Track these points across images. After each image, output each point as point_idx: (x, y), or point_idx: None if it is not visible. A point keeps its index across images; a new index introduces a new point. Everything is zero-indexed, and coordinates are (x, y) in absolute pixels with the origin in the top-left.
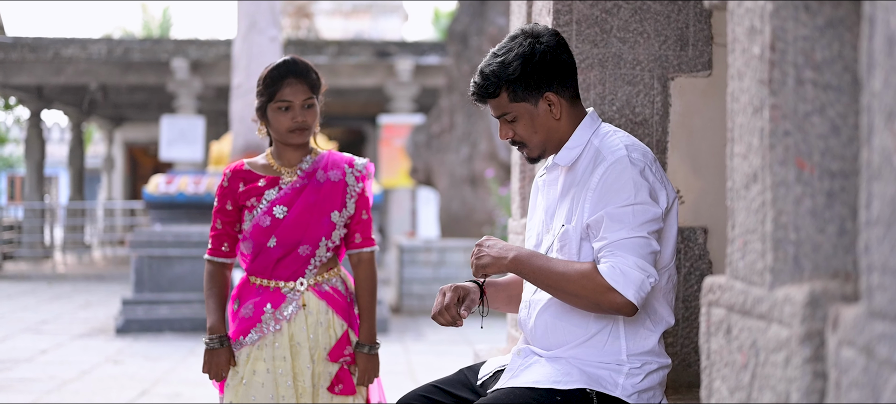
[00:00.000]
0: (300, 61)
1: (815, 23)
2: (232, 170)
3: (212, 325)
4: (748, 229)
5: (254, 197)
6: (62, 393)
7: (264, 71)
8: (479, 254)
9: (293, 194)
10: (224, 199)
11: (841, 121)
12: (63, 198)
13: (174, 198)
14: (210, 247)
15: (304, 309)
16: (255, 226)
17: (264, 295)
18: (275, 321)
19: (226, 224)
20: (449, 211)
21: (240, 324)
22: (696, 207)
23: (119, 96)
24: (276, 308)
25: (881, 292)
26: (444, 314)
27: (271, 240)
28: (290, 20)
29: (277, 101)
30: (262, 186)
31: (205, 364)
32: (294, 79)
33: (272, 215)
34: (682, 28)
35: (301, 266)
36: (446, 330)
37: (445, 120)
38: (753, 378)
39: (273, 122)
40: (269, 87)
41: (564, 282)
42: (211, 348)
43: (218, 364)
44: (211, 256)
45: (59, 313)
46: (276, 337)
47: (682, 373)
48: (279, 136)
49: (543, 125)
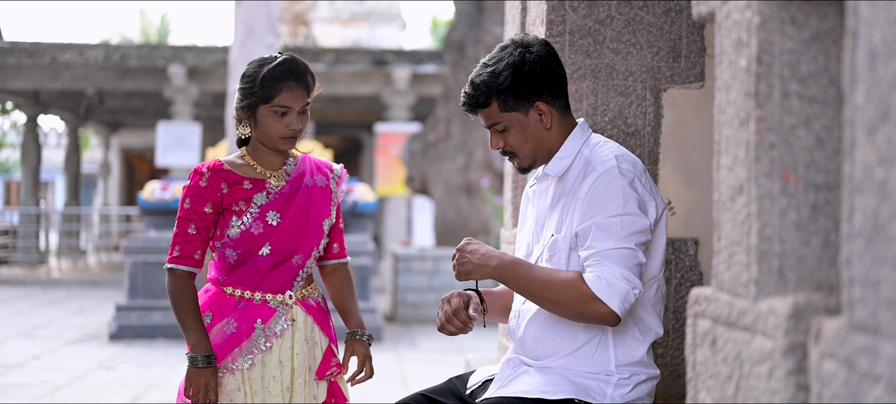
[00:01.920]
0: (300, 62)
1: (801, 36)
2: (210, 168)
3: (196, 342)
4: (734, 241)
5: (241, 200)
6: (55, 399)
7: (258, 67)
8: (460, 259)
9: (284, 200)
10: (200, 201)
11: (826, 134)
12: (59, 203)
13: (169, 204)
14: (177, 254)
15: (293, 325)
16: (244, 233)
17: (248, 308)
18: (266, 338)
19: (202, 228)
20: (444, 220)
21: (224, 343)
22: (688, 218)
23: (116, 102)
24: (266, 322)
25: (862, 305)
26: (454, 321)
27: (264, 248)
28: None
29: (274, 104)
30: (249, 190)
31: (189, 386)
32: (294, 82)
33: (265, 222)
34: (675, 40)
35: (291, 277)
36: (440, 339)
37: (442, 129)
38: (737, 389)
39: (264, 126)
40: (265, 87)
41: (548, 290)
42: (197, 368)
43: (206, 385)
44: (179, 264)
45: (52, 318)
46: (265, 356)
47: (671, 385)
48: (267, 141)
49: (534, 135)
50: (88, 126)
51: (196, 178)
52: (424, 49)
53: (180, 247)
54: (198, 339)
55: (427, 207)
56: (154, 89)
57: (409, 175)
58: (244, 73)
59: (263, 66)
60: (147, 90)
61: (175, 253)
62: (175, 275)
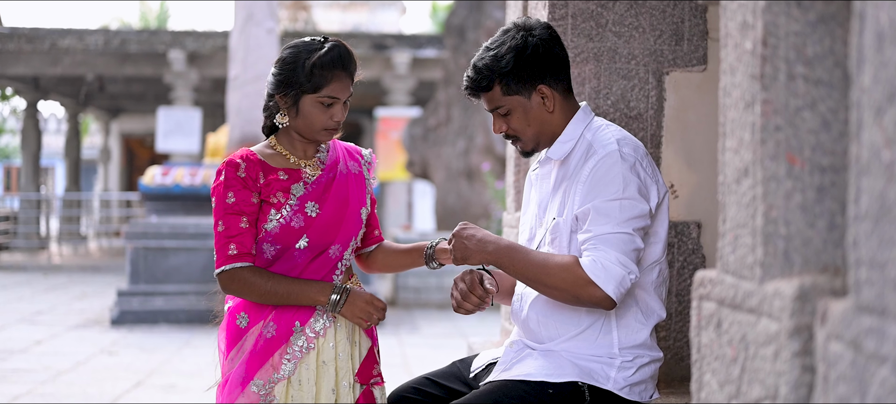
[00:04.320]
0: (348, 49)
1: (806, 18)
2: (244, 158)
3: (318, 292)
4: (739, 223)
5: (279, 191)
6: (57, 384)
7: (304, 53)
8: (457, 244)
9: (321, 189)
10: (246, 192)
11: (831, 117)
12: (59, 188)
13: (170, 189)
14: (234, 252)
15: (335, 323)
16: (283, 226)
17: (286, 308)
18: (306, 339)
19: (253, 221)
20: (445, 204)
21: (265, 348)
22: (690, 202)
23: (116, 87)
24: (305, 323)
25: (869, 287)
26: (471, 297)
27: (302, 240)
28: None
29: (322, 95)
30: (285, 180)
31: (358, 319)
32: (343, 72)
33: (304, 213)
34: (678, 23)
35: (330, 271)
36: (441, 323)
37: (442, 113)
38: (743, 371)
39: (307, 116)
40: (313, 77)
41: (544, 274)
42: (347, 303)
43: (366, 302)
44: (240, 262)
45: (54, 304)
46: (307, 358)
47: (674, 367)
48: (307, 132)
49: (537, 118)
50: (88, 111)
51: (232, 170)
52: (424, 33)
53: (236, 244)
54: (316, 290)
55: (428, 192)
56: (154, 74)
57: (410, 159)
58: (284, 59)
59: (311, 52)
60: (147, 75)
61: (231, 251)
62: (237, 274)
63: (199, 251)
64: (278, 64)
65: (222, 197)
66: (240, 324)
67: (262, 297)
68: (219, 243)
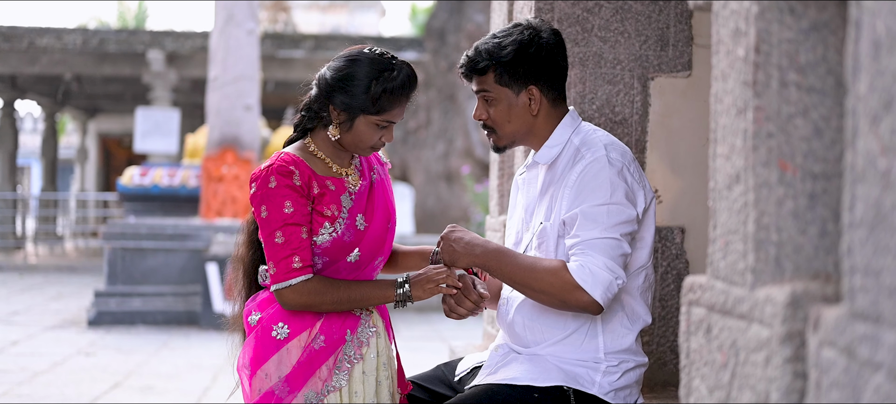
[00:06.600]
0: (415, 73)
1: (799, 26)
2: (295, 163)
3: (384, 293)
4: (730, 229)
5: (333, 204)
6: (33, 385)
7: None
8: (445, 247)
9: (364, 200)
10: (303, 201)
11: (824, 124)
12: (35, 188)
13: (149, 190)
14: (299, 265)
15: (376, 333)
16: (336, 240)
17: (332, 317)
18: (356, 348)
19: (308, 231)
20: (424, 207)
21: (313, 358)
22: (674, 207)
23: (93, 87)
24: (355, 332)
25: (863, 294)
26: (465, 301)
27: (354, 253)
28: (268, 14)
29: (383, 118)
30: (334, 191)
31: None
32: (407, 99)
33: (355, 227)
34: (663, 28)
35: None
36: (419, 326)
37: (422, 116)
38: (733, 377)
39: (360, 133)
40: (379, 101)
41: (532, 278)
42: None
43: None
44: (304, 275)
45: (30, 304)
46: (356, 368)
47: (657, 372)
48: (354, 147)
49: (518, 116)
50: (66, 111)
51: (285, 179)
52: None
53: (300, 256)
54: (383, 287)
55: (407, 194)
56: (132, 74)
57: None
58: (349, 74)
59: (380, 74)
60: (125, 75)
61: (295, 264)
62: (305, 286)
63: (177, 252)
64: (342, 78)
65: (279, 206)
66: (277, 336)
67: (334, 306)
68: (279, 255)
